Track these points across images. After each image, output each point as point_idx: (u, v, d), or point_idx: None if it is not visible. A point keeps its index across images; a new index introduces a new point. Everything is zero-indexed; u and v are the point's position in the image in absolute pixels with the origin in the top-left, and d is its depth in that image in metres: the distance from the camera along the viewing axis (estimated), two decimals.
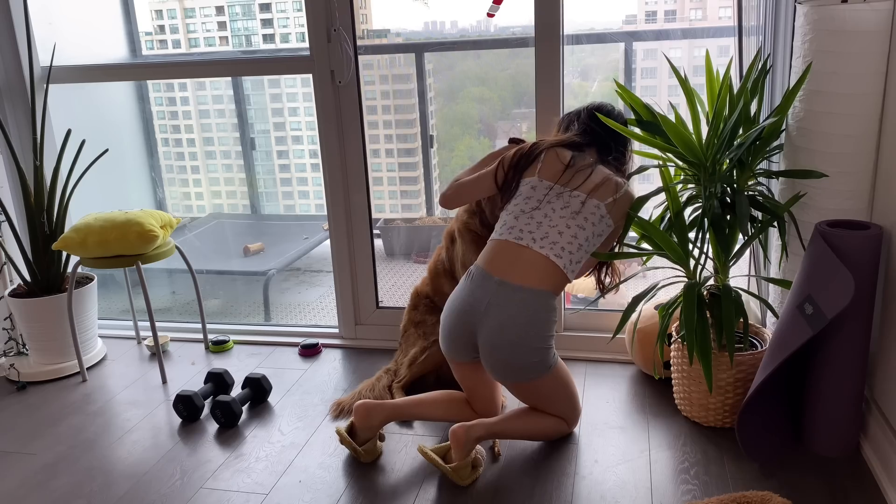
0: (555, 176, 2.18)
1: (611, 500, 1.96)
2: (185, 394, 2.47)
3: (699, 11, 2.97)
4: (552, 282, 2.08)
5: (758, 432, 2.09)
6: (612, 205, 2.15)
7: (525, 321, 2.03)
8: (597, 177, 2.16)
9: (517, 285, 2.04)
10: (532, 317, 2.04)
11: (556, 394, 2.17)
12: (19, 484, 2.19)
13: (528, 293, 2.04)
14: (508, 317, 2.03)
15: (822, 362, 2.03)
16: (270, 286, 3.73)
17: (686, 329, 2.10)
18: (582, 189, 2.14)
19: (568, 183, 2.16)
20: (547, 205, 2.13)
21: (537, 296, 2.05)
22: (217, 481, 2.14)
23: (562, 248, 2.08)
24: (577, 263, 2.11)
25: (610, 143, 2.28)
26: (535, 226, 2.11)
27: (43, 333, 2.85)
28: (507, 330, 2.03)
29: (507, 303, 2.04)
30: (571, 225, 2.10)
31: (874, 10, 1.93)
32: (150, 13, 3.57)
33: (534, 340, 2.04)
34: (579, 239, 2.10)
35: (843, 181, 2.05)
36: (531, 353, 2.05)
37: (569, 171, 2.17)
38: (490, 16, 2.68)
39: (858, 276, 1.88)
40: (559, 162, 2.20)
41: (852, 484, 1.96)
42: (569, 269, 2.09)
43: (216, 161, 3.84)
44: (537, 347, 2.05)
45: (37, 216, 2.83)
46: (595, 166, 2.19)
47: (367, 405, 2.18)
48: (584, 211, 2.11)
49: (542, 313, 2.05)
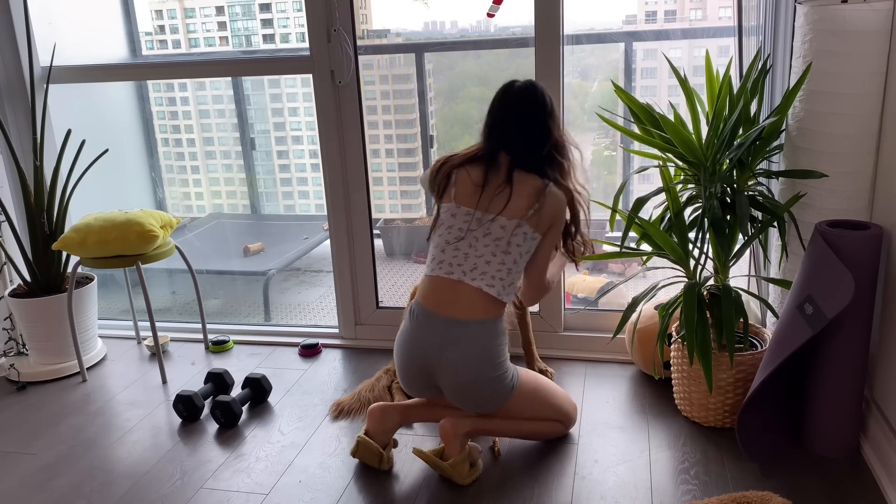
0: (470, 200, 2.05)
1: (611, 500, 1.96)
2: (185, 394, 2.47)
3: (699, 11, 2.97)
4: (495, 309, 2.04)
5: (758, 432, 2.09)
6: (536, 215, 2.03)
7: (480, 355, 2.00)
8: (515, 193, 2.02)
9: (464, 320, 2.00)
10: (486, 349, 2.01)
11: (533, 405, 2.15)
12: (19, 484, 2.19)
13: (477, 326, 2.01)
14: (464, 355, 2.00)
15: (822, 362, 2.03)
16: (270, 286, 3.72)
17: (686, 329, 2.10)
18: (504, 213, 2.02)
19: (487, 208, 2.03)
20: (470, 234, 2.04)
21: (485, 326, 2.01)
22: (217, 481, 2.14)
23: (492, 277, 2.01)
24: (510, 286, 2.05)
25: (523, 140, 2.07)
26: (462, 258, 2.03)
27: (43, 333, 2.85)
28: (467, 367, 2.00)
29: (459, 340, 2.00)
30: (497, 252, 2.02)
31: (874, 10, 1.93)
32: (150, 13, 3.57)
33: (490, 371, 2.01)
34: (507, 264, 2.02)
35: (843, 181, 2.05)
36: (491, 384, 2.02)
37: (485, 194, 2.04)
38: (490, 16, 2.68)
39: (858, 276, 1.88)
40: (471, 183, 2.07)
41: (852, 484, 1.96)
42: (503, 295, 2.03)
43: (216, 161, 3.84)
44: (493, 377, 2.02)
45: (37, 216, 2.83)
46: (511, 181, 2.03)
47: (383, 407, 2.17)
48: (506, 235, 2.02)
49: (493, 341, 2.02)
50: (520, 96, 2.08)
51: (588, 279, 3.26)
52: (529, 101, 2.07)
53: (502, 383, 2.04)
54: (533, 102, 2.07)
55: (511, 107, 2.08)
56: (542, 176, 2.06)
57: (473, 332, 2.00)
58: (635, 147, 2.52)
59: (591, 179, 3.24)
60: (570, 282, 3.09)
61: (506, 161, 2.06)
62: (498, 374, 2.02)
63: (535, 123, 2.06)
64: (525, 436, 2.23)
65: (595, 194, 3.18)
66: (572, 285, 3.15)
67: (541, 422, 2.19)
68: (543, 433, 2.23)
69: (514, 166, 2.05)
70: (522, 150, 2.06)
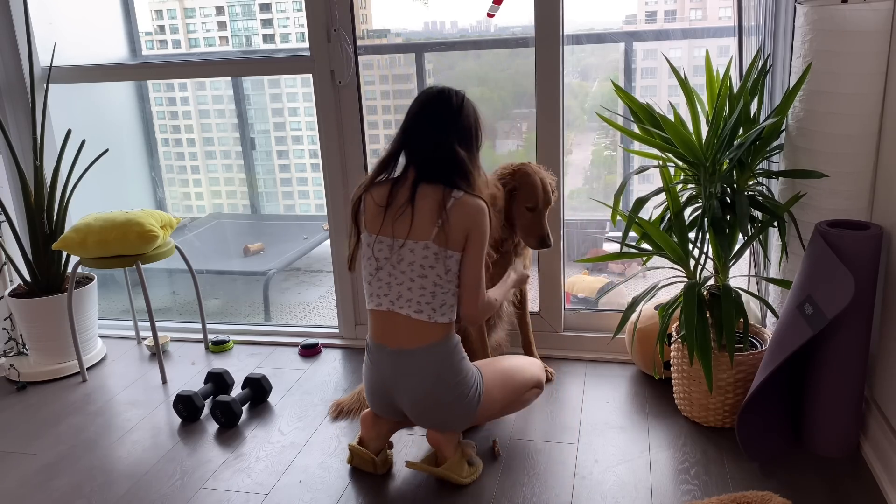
0: (376, 225, 1.96)
1: (611, 500, 1.96)
2: (185, 394, 2.47)
3: (699, 11, 2.97)
4: (437, 332, 1.95)
5: (758, 432, 2.09)
6: (442, 233, 1.88)
7: (434, 383, 1.95)
8: (417, 213, 1.90)
9: (409, 350, 1.95)
10: (439, 375, 1.95)
11: (505, 395, 2.09)
12: (20, 484, 2.19)
13: (424, 353, 1.94)
14: (419, 386, 1.96)
15: (822, 362, 2.03)
16: (270, 286, 3.72)
17: (686, 329, 2.10)
18: (410, 237, 1.90)
19: (393, 233, 1.93)
20: (385, 262, 1.95)
21: (432, 352, 1.95)
22: (217, 481, 2.14)
23: (418, 304, 1.93)
24: (442, 307, 1.93)
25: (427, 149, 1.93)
26: (386, 288, 1.96)
27: (43, 333, 2.85)
28: (424, 397, 1.97)
29: (410, 372, 1.96)
30: (415, 278, 1.92)
31: (874, 10, 1.93)
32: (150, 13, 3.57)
33: (448, 396, 1.96)
34: (428, 288, 1.92)
35: (843, 181, 2.05)
36: (453, 408, 1.98)
37: (387, 217, 1.93)
38: (490, 16, 2.68)
39: (858, 276, 1.88)
40: (375, 205, 1.96)
41: (852, 484, 1.96)
42: (436, 317, 1.93)
43: (216, 161, 3.84)
44: (454, 401, 1.97)
45: (37, 216, 2.83)
46: (413, 199, 1.90)
47: (375, 413, 2.15)
48: (417, 259, 1.91)
49: (446, 363, 1.95)
50: (427, 101, 1.95)
51: (588, 279, 3.26)
52: (436, 108, 1.93)
53: (466, 401, 1.98)
54: (440, 109, 1.93)
55: (416, 113, 1.95)
56: (448, 186, 1.91)
57: (421, 360, 1.95)
58: (635, 147, 2.52)
59: (591, 179, 3.24)
60: (570, 282, 3.09)
61: (412, 175, 1.93)
62: (458, 394, 1.97)
63: (438, 130, 1.92)
64: (506, 414, 2.24)
65: (595, 194, 3.19)
66: (572, 285, 3.15)
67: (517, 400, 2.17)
68: (525, 404, 2.22)
69: (419, 180, 1.92)
70: (427, 159, 1.93)
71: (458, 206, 1.89)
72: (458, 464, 2.04)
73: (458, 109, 1.93)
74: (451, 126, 1.92)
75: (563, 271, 2.80)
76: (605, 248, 3.24)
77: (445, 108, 1.93)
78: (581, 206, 3.17)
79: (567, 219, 2.79)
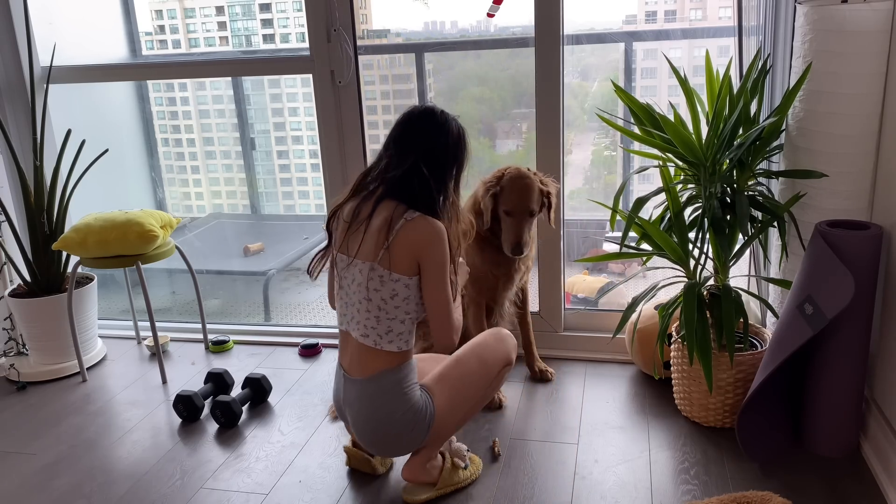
0: (338, 241, 1.90)
1: (611, 500, 1.96)
2: (185, 394, 2.47)
3: (699, 11, 2.97)
4: (385, 360, 1.85)
5: (758, 432, 2.09)
6: (387, 255, 1.79)
7: (370, 414, 1.87)
8: (369, 230, 1.81)
9: (357, 379, 1.88)
10: (378, 406, 1.86)
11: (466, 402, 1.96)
12: (19, 484, 2.19)
13: (365, 384, 1.87)
14: (358, 413, 1.89)
15: (822, 362, 2.03)
16: (270, 286, 3.72)
17: (686, 329, 2.10)
18: (358, 256, 1.83)
19: (347, 250, 1.86)
20: (344, 280, 1.89)
21: (374, 382, 1.86)
22: (217, 481, 2.14)
23: (364, 327, 1.85)
24: (388, 334, 1.83)
25: (395, 168, 1.82)
26: (345, 307, 1.90)
27: (43, 333, 2.85)
28: (367, 428, 1.90)
29: (353, 400, 1.90)
30: (361, 300, 1.84)
31: (874, 10, 1.93)
32: (150, 13, 3.57)
33: (393, 427, 1.86)
34: (372, 312, 1.82)
35: (843, 181, 2.05)
36: (399, 438, 1.89)
37: (348, 232, 1.86)
38: (490, 16, 2.68)
39: (858, 276, 1.88)
40: (343, 222, 1.89)
41: (852, 484, 1.96)
42: (382, 344, 1.84)
43: (216, 161, 3.84)
44: (399, 432, 1.87)
45: (37, 216, 2.83)
46: (374, 211, 1.82)
47: None
48: (364, 280, 1.82)
49: (384, 396, 1.85)
50: (409, 117, 1.87)
51: (588, 279, 3.26)
52: (416, 124, 1.86)
53: (411, 431, 1.88)
54: (419, 125, 1.85)
55: (396, 127, 1.88)
56: (408, 206, 1.81)
57: (363, 392, 1.87)
58: (635, 147, 2.52)
59: (591, 179, 3.24)
60: (570, 282, 3.09)
61: (379, 191, 1.85)
62: (401, 427, 1.87)
63: (411, 146, 1.83)
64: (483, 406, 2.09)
65: (595, 194, 3.19)
66: (572, 285, 3.15)
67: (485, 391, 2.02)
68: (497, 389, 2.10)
69: (383, 196, 1.84)
70: (393, 175, 1.83)
71: (407, 227, 1.78)
72: (450, 475, 2.03)
73: (436, 127, 1.84)
74: (426, 144, 1.82)
75: (563, 271, 2.80)
76: (605, 248, 3.24)
77: (424, 126, 1.85)
78: (581, 206, 3.17)
79: (567, 219, 2.80)
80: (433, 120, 1.85)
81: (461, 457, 2.07)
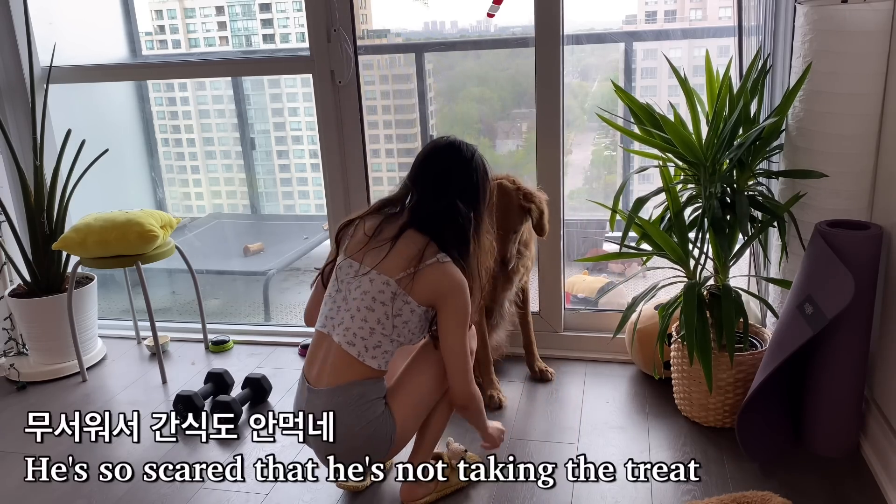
0: (355, 250, 1.89)
1: (611, 500, 1.96)
2: (185, 394, 2.47)
3: (699, 11, 2.97)
4: (353, 371, 1.83)
5: (758, 432, 2.09)
6: (410, 280, 1.80)
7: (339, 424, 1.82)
8: (395, 251, 1.82)
9: (318, 390, 1.85)
10: (343, 416, 1.82)
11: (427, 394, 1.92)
12: (19, 484, 2.19)
13: (329, 395, 1.83)
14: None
15: (822, 362, 2.03)
16: (270, 286, 3.72)
17: (686, 329, 2.10)
18: (377, 268, 1.82)
19: (363, 260, 1.86)
20: (346, 285, 1.87)
21: (338, 393, 1.82)
22: (217, 481, 2.14)
23: (353, 335, 1.82)
24: (375, 349, 1.82)
25: (431, 201, 1.85)
26: (335, 310, 1.88)
27: (43, 333, 2.85)
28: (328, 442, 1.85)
29: (315, 411, 1.85)
30: (362, 308, 1.82)
31: (874, 10, 1.93)
32: (150, 13, 3.57)
33: (351, 440, 1.83)
34: (370, 322, 1.81)
35: (842, 181, 2.05)
36: (361, 449, 1.85)
37: (367, 246, 1.86)
38: (490, 16, 2.68)
39: (858, 276, 1.88)
40: (363, 233, 1.89)
41: (852, 484, 1.96)
42: (364, 356, 1.82)
43: (216, 161, 3.84)
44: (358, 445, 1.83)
45: (37, 216, 2.83)
46: (400, 235, 1.83)
47: None
48: (373, 290, 1.82)
49: (346, 409, 1.81)
50: (435, 151, 1.89)
51: (588, 279, 3.26)
52: (445, 158, 1.87)
53: (373, 443, 1.85)
54: (448, 159, 1.87)
55: (423, 161, 1.90)
56: (438, 244, 1.83)
57: (325, 403, 1.83)
58: (635, 147, 2.52)
59: (591, 179, 3.24)
60: (570, 282, 3.09)
61: (406, 217, 1.87)
62: (360, 441, 1.83)
63: (442, 182, 1.85)
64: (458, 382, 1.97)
65: (595, 194, 3.19)
66: (572, 285, 3.15)
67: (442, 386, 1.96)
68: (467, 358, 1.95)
69: (410, 224, 1.85)
70: (425, 210, 1.85)
71: (435, 268, 1.80)
72: (450, 478, 2.02)
73: (465, 162, 1.86)
74: (456, 180, 1.85)
75: (563, 271, 2.80)
76: (605, 248, 3.24)
77: (453, 160, 1.86)
78: (581, 206, 3.17)
79: (567, 219, 2.79)
80: (460, 152, 1.87)
81: (460, 458, 2.07)
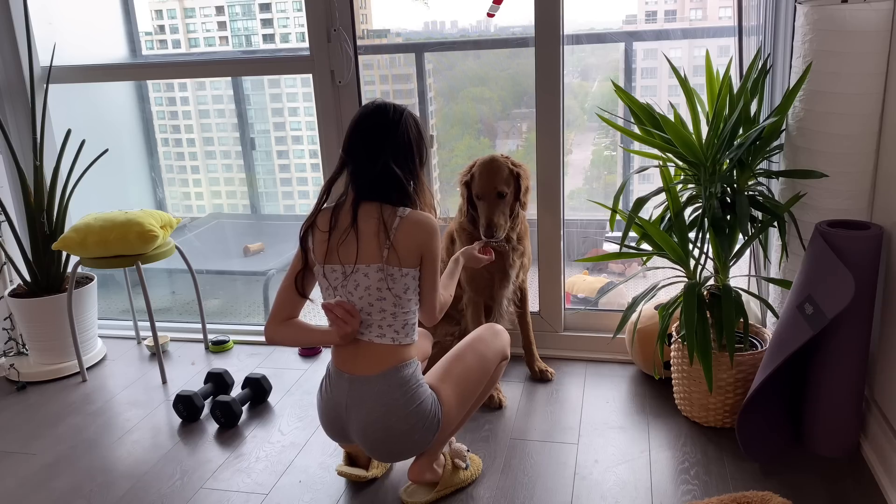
0: (323, 253, 1.88)
1: (611, 500, 1.96)
2: (185, 394, 2.47)
3: (699, 11, 2.97)
4: (396, 356, 1.87)
5: (758, 432, 2.09)
6: (394, 253, 1.82)
7: (385, 411, 1.85)
8: (362, 236, 1.83)
9: (365, 377, 1.87)
10: (391, 402, 1.85)
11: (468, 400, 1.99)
12: (19, 484, 2.19)
13: (378, 381, 1.86)
14: (368, 413, 1.86)
15: (822, 362, 2.03)
16: (270, 286, 3.72)
17: (686, 329, 2.10)
18: (359, 261, 1.83)
19: (340, 259, 1.86)
20: (342, 290, 1.88)
21: (387, 378, 1.86)
22: (217, 481, 2.14)
23: (379, 328, 1.87)
24: (404, 328, 1.88)
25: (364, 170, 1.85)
26: None
27: (43, 333, 2.85)
28: (374, 427, 1.87)
29: (362, 400, 1.87)
30: (373, 301, 1.85)
31: (874, 10, 1.93)
32: (150, 13, 3.56)
33: (402, 425, 1.85)
34: (388, 309, 1.85)
35: (843, 181, 2.05)
36: (408, 436, 1.87)
37: (331, 243, 1.86)
38: (490, 16, 2.68)
39: (858, 276, 1.88)
40: (321, 233, 1.89)
41: (852, 484, 1.96)
42: (400, 339, 1.88)
43: (216, 161, 3.84)
44: (409, 429, 1.86)
45: (37, 216, 2.83)
46: (356, 217, 1.84)
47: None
48: (373, 282, 1.84)
49: (398, 391, 1.85)
50: (363, 118, 1.88)
51: (588, 279, 3.26)
52: (372, 123, 1.87)
53: (423, 428, 1.88)
54: (375, 124, 1.86)
55: (353, 130, 1.89)
56: (389, 204, 1.85)
57: (375, 388, 1.86)
58: (635, 147, 2.52)
59: (591, 179, 3.24)
60: (571, 282, 3.09)
61: (352, 196, 1.88)
62: (413, 423, 1.86)
63: (373, 146, 1.85)
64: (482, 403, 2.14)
65: (595, 194, 3.19)
66: (572, 285, 3.15)
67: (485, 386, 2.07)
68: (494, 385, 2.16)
69: (358, 199, 1.86)
70: (364, 178, 1.86)
71: (405, 224, 1.83)
72: (450, 476, 2.03)
73: (394, 124, 1.86)
74: (387, 141, 1.85)
75: (563, 271, 2.80)
76: (605, 248, 3.24)
77: (381, 124, 1.86)
78: (581, 206, 3.17)
79: (567, 219, 2.79)
80: (386, 115, 1.87)
81: (461, 457, 2.07)
